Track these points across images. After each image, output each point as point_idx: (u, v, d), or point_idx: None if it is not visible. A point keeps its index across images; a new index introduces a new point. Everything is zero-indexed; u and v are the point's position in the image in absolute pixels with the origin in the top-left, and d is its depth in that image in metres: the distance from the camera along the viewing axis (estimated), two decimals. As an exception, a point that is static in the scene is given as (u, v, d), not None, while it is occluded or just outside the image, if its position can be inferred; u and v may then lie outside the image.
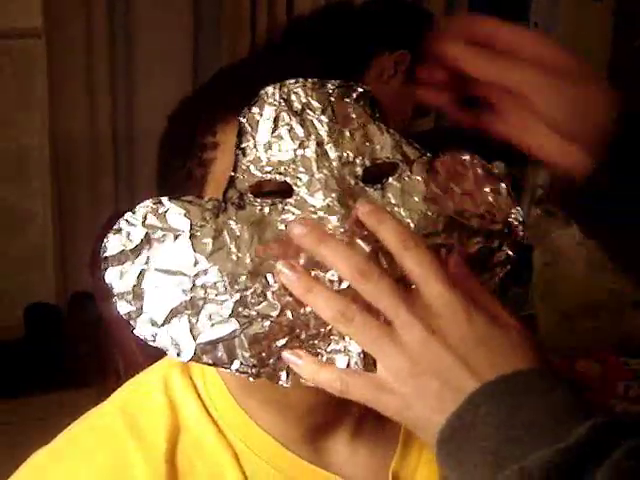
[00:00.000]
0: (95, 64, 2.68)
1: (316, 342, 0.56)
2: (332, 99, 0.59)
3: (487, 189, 0.63)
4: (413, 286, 0.53)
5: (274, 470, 0.67)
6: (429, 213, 0.59)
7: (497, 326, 0.52)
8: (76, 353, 2.52)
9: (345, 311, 0.52)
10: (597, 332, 1.47)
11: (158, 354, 0.64)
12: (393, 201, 0.59)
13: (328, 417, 0.68)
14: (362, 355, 0.54)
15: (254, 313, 0.55)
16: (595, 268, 1.81)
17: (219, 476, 0.67)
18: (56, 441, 0.70)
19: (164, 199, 0.56)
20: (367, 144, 0.59)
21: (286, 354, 0.55)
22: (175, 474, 0.66)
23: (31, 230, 2.81)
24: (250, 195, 0.57)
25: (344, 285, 0.54)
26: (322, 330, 0.55)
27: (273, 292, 0.55)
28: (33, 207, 2.79)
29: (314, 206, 0.56)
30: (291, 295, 0.55)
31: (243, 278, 0.55)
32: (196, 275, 0.55)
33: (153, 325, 0.55)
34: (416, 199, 0.60)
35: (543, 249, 1.76)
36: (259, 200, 0.57)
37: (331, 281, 0.55)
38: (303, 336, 0.55)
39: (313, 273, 0.55)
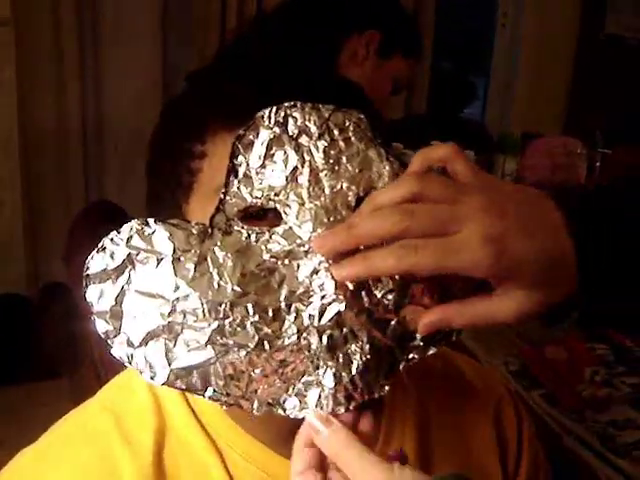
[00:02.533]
0: (64, 52, 2.66)
1: (290, 373, 0.55)
2: (330, 123, 0.57)
3: None
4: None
5: (259, 470, 0.68)
6: None
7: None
8: (47, 344, 2.50)
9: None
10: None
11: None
12: None
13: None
14: (333, 390, 0.55)
15: (231, 342, 0.54)
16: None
17: (205, 476, 0.67)
18: (42, 440, 0.69)
19: (151, 221, 0.55)
20: (364, 172, 0.57)
21: None
22: (162, 474, 0.66)
23: (0, 220, 2.77)
24: (237, 220, 0.56)
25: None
26: (297, 362, 0.55)
27: (252, 322, 0.54)
28: (2, 197, 2.75)
29: (301, 237, 0.55)
30: (269, 327, 0.54)
31: (223, 307, 0.54)
32: (176, 300, 0.54)
33: (129, 346, 0.54)
34: None
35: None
36: (246, 227, 0.56)
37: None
38: (279, 368, 0.55)
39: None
